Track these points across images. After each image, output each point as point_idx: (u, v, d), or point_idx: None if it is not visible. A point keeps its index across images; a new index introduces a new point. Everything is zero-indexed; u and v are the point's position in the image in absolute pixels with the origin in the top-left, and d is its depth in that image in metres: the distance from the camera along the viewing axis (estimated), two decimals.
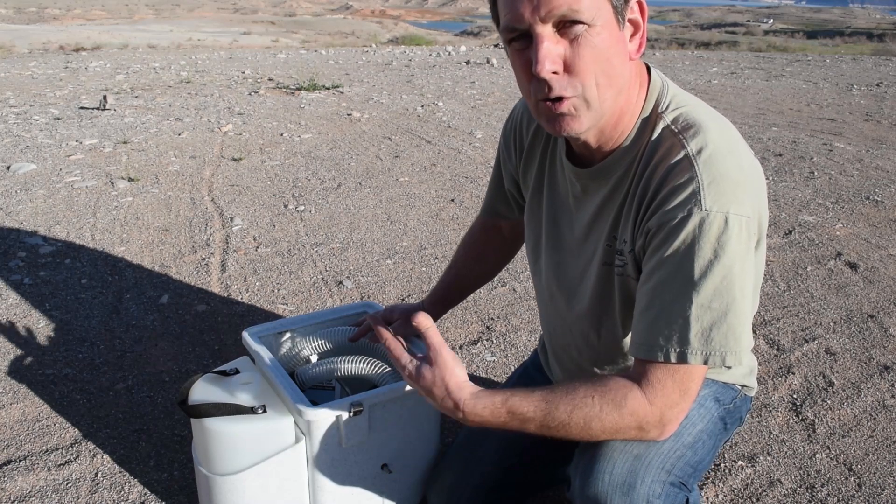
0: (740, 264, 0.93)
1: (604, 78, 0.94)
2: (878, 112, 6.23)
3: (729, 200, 0.93)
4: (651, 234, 0.98)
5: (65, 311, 2.41)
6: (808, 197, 3.73)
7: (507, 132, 1.32)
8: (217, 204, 3.52)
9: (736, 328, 0.93)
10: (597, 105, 0.96)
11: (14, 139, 4.73)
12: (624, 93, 1.00)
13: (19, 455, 1.69)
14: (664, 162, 0.98)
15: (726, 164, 0.95)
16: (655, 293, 0.96)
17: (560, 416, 0.96)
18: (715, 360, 0.93)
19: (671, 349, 0.94)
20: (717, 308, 0.93)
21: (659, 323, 0.95)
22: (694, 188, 0.94)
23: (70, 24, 50.87)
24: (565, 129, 0.98)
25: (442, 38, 23.51)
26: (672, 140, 1.00)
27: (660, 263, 0.96)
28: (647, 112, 1.04)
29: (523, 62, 0.95)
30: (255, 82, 7.55)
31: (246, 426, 1.31)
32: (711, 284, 0.92)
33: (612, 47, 0.94)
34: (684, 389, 0.95)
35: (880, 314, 2.44)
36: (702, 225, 0.92)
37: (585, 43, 0.91)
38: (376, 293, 2.59)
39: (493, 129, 5.30)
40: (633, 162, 1.04)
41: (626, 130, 1.04)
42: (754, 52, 13.97)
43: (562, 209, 1.19)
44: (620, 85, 0.98)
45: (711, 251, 0.92)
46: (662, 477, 1.03)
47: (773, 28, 71.41)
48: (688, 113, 1.02)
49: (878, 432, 1.81)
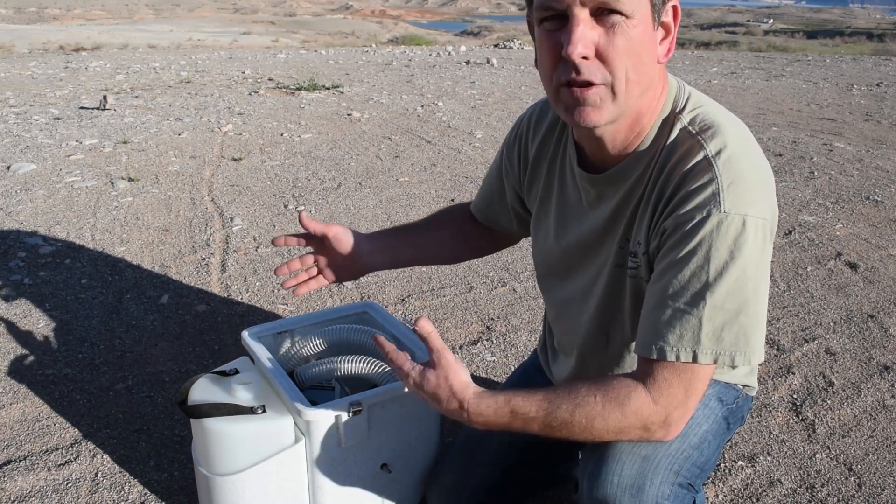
0: (755, 266, 0.93)
1: (634, 73, 0.94)
2: (878, 112, 6.23)
3: (747, 202, 0.93)
4: (666, 235, 0.98)
5: (65, 311, 2.41)
6: (808, 197, 3.73)
7: (511, 144, 1.30)
8: (217, 204, 3.52)
9: (747, 328, 0.93)
10: (622, 98, 0.95)
11: (14, 139, 4.73)
12: (648, 93, 1.00)
13: (19, 455, 1.69)
14: (682, 163, 0.98)
15: (744, 166, 0.96)
16: (667, 293, 0.96)
17: (562, 415, 0.96)
18: (724, 359, 0.93)
19: (682, 349, 0.94)
20: (730, 308, 0.93)
21: (671, 322, 0.95)
22: (714, 189, 0.94)
23: (70, 24, 50.86)
24: (585, 120, 0.96)
25: (442, 38, 23.52)
26: (690, 141, 0.99)
27: (673, 263, 0.95)
28: (665, 113, 1.04)
29: (553, 43, 0.94)
30: (255, 82, 7.55)
31: (246, 426, 1.31)
32: (726, 285, 0.92)
33: (645, 43, 0.94)
34: (690, 389, 0.95)
35: (880, 314, 2.44)
36: (720, 226, 0.92)
37: (621, 32, 0.91)
38: (376, 293, 2.59)
39: (493, 129, 5.30)
40: (649, 163, 1.03)
41: (643, 133, 1.04)
42: (754, 52, 13.97)
43: (573, 217, 1.18)
44: (646, 84, 0.98)
45: (728, 252, 0.92)
46: (671, 478, 1.03)
47: (773, 28, 71.41)
48: (705, 114, 1.02)
49: (878, 432, 1.80)
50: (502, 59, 9.82)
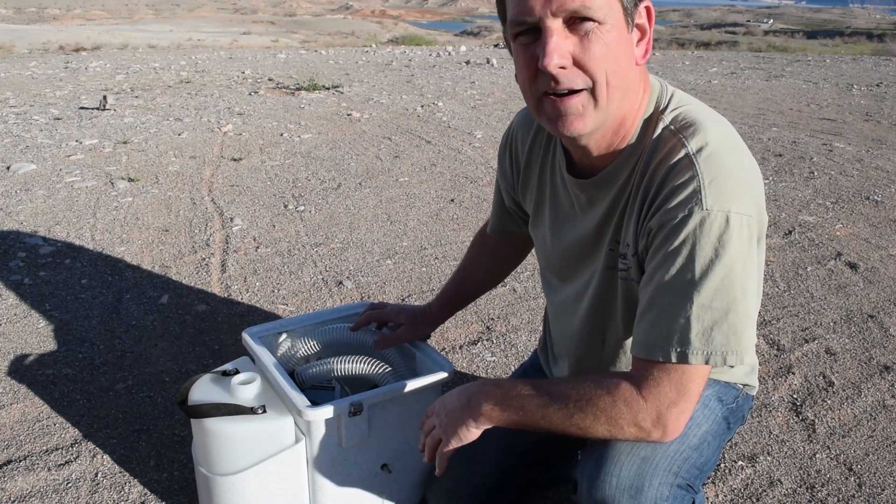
0: (741, 263, 0.93)
1: (613, 77, 0.94)
2: (878, 112, 6.23)
3: (730, 199, 0.92)
4: (652, 234, 0.98)
5: (65, 311, 2.41)
6: (808, 197, 3.73)
7: (503, 151, 1.32)
8: (217, 204, 3.52)
9: (737, 327, 0.93)
10: (604, 104, 0.96)
11: (14, 139, 4.73)
12: (629, 96, 1.00)
13: (19, 455, 1.69)
14: (665, 162, 0.98)
15: (727, 163, 0.95)
16: (656, 293, 0.96)
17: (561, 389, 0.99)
18: (716, 359, 0.93)
19: (671, 349, 0.93)
20: (718, 307, 0.92)
21: (660, 323, 0.95)
22: (695, 187, 0.93)
23: (70, 24, 50.87)
24: (569, 129, 0.97)
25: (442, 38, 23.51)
26: (672, 140, 0.99)
27: (661, 263, 0.95)
28: (647, 114, 1.04)
29: (528, 57, 0.94)
30: (255, 82, 7.55)
31: (246, 426, 1.31)
32: (712, 284, 0.92)
33: (621, 47, 0.94)
34: (683, 389, 0.94)
35: (880, 314, 2.44)
36: (703, 224, 0.92)
37: (596, 39, 0.91)
38: (376, 293, 2.59)
39: (493, 130, 5.30)
40: (635, 164, 1.04)
41: (628, 135, 1.04)
42: (754, 52, 13.97)
43: (566, 221, 1.19)
44: (627, 87, 0.98)
45: (712, 250, 0.92)
46: (670, 479, 1.02)
47: (773, 28, 71.42)
48: (686, 112, 1.02)
49: (878, 432, 1.81)
50: (502, 59, 9.82)
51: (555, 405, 0.98)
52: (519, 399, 1.01)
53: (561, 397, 0.98)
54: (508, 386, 1.04)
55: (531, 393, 1.01)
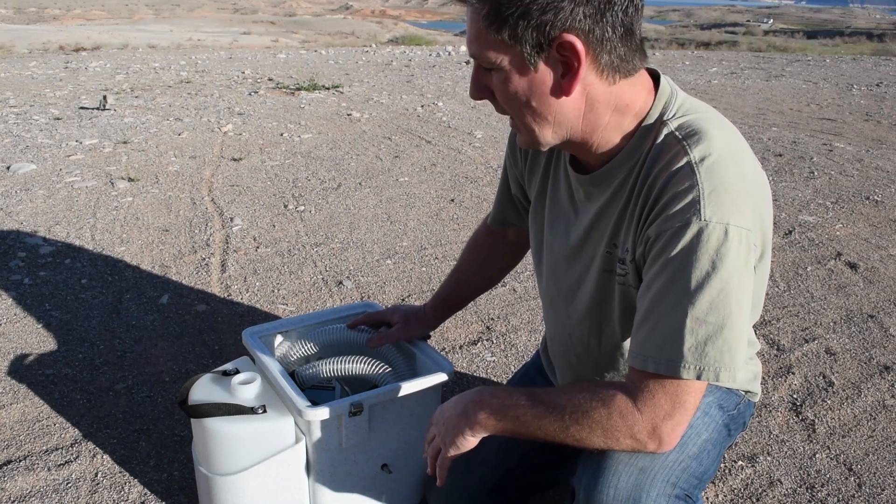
0: (738, 277, 0.90)
1: (529, 111, 0.99)
2: (878, 112, 6.23)
3: (729, 211, 0.90)
4: (650, 242, 0.96)
5: (65, 311, 2.41)
6: (808, 197, 3.73)
7: (514, 137, 1.32)
8: (217, 204, 3.52)
9: (732, 344, 0.90)
10: (538, 130, 1.01)
11: (14, 139, 4.73)
12: (571, 125, 1.00)
13: (19, 455, 1.69)
14: (666, 169, 0.96)
15: (729, 174, 0.93)
16: (652, 303, 0.94)
17: (557, 399, 0.99)
18: (708, 375, 0.91)
19: (662, 361, 0.92)
20: (713, 322, 0.90)
21: (654, 334, 0.93)
22: (694, 196, 0.91)
23: (70, 24, 50.83)
24: (521, 143, 1.08)
25: (442, 38, 23.47)
26: (676, 147, 0.97)
27: (658, 273, 0.94)
28: (651, 119, 1.02)
29: None
30: (255, 82, 7.55)
31: (246, 426, 1.31)
32: (708, 297, 0.90)
33: (525, 90, 0.97)
34: (678, 402, 0.93)
35: (880, 314, 2.44)
36: (700, 235, 0.90)
37: (498, 81, 0.99)
38: (376, 293, 2.59)
39: (493, 129, 5.30)
40: (633, 168, 1.03)
41: (630, 137, 1.03)
42: (754, 52, 13.96)
43: (561, 214, 1.19)
44: (556, 121, 0.99)
45: (709, 263, 0.90)
46: (668, 490, 1.01)
47: (773, 28, 71.38)
48: (694, 121, 1.00)
49: (878, 432, 1.81)
50: None
51: (550, 416, 0.98)
52: (514, 409, 1.01)
53: (557, 408, 0.98)
54: (504, 395, 1.04)
55: (527, 403, 1.00)
